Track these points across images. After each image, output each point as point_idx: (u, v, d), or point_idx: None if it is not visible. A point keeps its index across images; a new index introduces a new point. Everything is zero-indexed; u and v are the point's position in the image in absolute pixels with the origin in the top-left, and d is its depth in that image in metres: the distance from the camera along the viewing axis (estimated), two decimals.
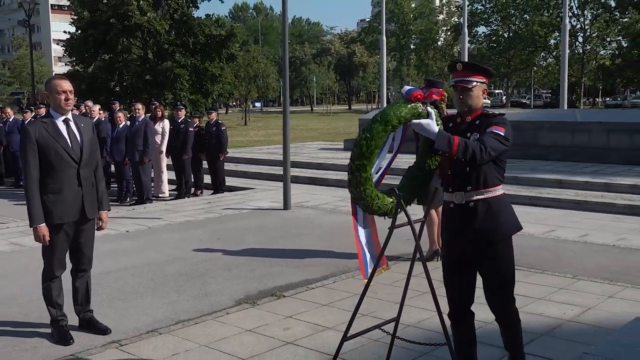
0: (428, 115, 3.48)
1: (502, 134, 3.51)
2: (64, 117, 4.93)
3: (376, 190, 3.63)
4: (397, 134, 3.78)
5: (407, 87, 3.63)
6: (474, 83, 3.63)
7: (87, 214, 4.99)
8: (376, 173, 3.78)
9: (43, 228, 4.80)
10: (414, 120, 3.46)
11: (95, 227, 5.20)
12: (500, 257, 3.65)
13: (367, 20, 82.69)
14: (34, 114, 14.32)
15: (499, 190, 3.65)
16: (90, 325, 5.21)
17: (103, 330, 5.15)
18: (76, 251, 5.12)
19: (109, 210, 5.30)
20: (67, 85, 4.92)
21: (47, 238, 4.83)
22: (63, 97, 4.86)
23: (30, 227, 4.85)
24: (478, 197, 3.60)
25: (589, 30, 53.27)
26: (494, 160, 3.54)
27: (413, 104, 3.54)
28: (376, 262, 3.69)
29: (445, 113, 7.44)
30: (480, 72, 3.67)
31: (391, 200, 3.66)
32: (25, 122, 13.83)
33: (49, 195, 4.81)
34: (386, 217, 3.69)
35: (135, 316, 5.59)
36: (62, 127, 4.89)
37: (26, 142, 4.79)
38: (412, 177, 3.82)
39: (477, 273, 3.76)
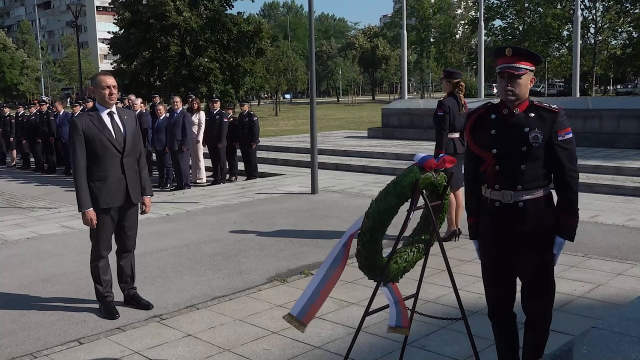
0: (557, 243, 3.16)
1: (571, 135, 3.16)
2: (108, 110, 4.95)
3: (384, 258, 3.44)
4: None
5: (420, 155, 3.38)
6: (523, 70, 3.09)
7: (132, 199, 5.04)
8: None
9: (90, 212, 4.86)
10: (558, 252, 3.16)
11: (140, 211, 5.24)
12: (547, 252, 3.18)
13: (389, 15, 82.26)
14: (82, 107, 14.49)
15: (550, 187, 3.20)
16: (134, 301, 5.28)
17: (145, 306, 5.22)
18: (121, 234, 5.18)
19: (151, 196, 5.33)
20: (110, 80, 4.94)
21: (95, 221, 4.90)
22: (107, 92, 4.88)
23: (79, 211, 4.91)
24: (528, 197, 3.12)
25: (600, 22, 52.17)
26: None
27: (427, 174, 3.32)
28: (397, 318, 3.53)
29: (463, 102, 7.40)
30: (530, 58, 3.13)
31: (397, 266, 3.49)
32: (74, 115, 14.01)
33: (95, 182, 4.86)
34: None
35: (175, 293, 5.66)
36: (107, 120, 4.92)
37: (74, 133, 4.84)
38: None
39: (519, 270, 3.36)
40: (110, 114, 4.96)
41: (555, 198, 3.23)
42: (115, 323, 4.91)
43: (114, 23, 33.42)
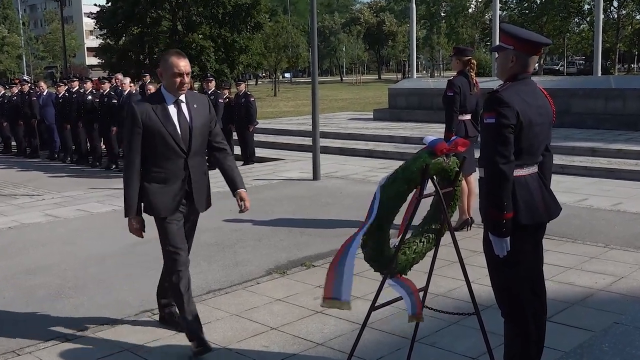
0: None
1: (491, 122, 3.29)
2: (175, 99, 4.25)
3: (392, 249, 3.45)
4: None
5: (429, 138, 3.39)
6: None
7: (195, 207, 4.43)
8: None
9: (136, 221, 4.29)
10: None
11: (241, 209, 4.53)
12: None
13: None
14: (67, 87, 14.48)
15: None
16: (171, 320, 4.70)
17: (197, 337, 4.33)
18: None
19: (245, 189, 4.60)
20: (184, 65, 4.19)
21: (141, 232, 4.34)
22: (178, 80, 4.17)
23: (125, 217, 4.32)
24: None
25: None
26: None
27: (438, 158, 3.33)
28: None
29: (474, 82, 7.38)
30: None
31: (405, 257, 3.51)
32: (131, 100, 13.94)
33: (151, 184, 4.23)
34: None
35: None
36: (173, 111, 4.22)
37: (132, 125, 4.15)
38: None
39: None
40: (178, 104, 4.25)
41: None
42: (104, 318, 4.92)
43: None
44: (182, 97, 4.27)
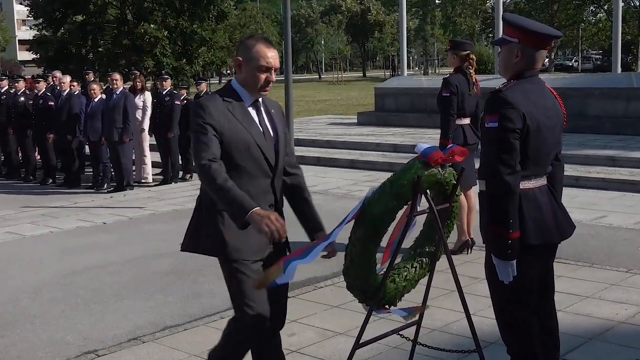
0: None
1: (493, 125, 3.36)
2: (254, 100, 3.64)
3: (379, 277, 3.48)
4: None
5: (422, 146, 3.44)
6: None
7: (287, 244, 3.88)
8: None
9: (260, 211, 3.23)
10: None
11: (329, 254, 3.99)
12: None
13: None
14: None
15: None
16: None
17: None
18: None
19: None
20: (273, 57, 3.57)
21: (281, 221, 3.32)
22: (264, 77, 3.54)
23: (240, 219, 3.26)
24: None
25: None
26: None
27: (431, 170, 3.37)
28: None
29: (474, 80, 7.46)
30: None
31: (394, 286, 3.56)
32: (200, 96, 13.88)
33: (225, 217, 3.53)
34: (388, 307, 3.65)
35: (115, 322, 5.62)
36: (254, 115, 3.63)
37: (206, 124, 3.42)
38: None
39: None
40: (257, 107, 3.65)
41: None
42: None
43: None
44: (260, 99, 3.69)
